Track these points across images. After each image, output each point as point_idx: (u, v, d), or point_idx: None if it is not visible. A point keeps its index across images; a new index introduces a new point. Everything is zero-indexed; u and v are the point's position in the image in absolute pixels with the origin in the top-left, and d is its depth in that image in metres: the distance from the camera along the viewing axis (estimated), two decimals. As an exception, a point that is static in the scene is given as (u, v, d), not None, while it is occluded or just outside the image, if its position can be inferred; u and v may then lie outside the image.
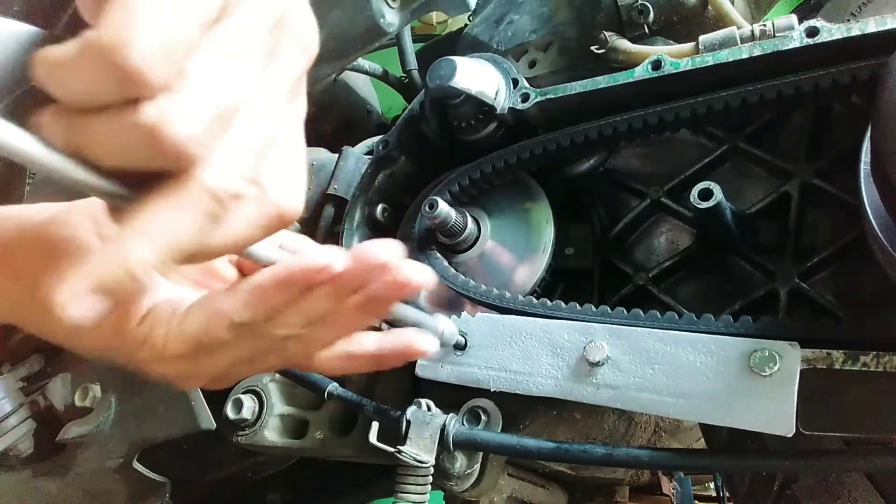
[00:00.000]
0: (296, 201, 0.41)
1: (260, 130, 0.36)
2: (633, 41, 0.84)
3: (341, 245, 0.89)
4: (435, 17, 1.87)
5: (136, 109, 0.31)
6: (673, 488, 1.53)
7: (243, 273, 0.55)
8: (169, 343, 0.43)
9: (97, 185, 0.33)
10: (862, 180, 0.60)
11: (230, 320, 0.42)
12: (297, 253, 0.45)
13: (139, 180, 0.34)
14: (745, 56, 0.69)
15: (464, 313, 0.75)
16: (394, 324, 0.55)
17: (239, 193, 0.35)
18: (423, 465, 0.74)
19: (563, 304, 0.73)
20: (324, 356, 0.48)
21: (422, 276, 0.45)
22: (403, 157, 0.90)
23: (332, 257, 0.42)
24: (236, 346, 0.44)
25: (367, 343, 0.50)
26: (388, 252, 0.44)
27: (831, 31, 0.66)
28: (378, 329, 0.52)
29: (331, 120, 1.32)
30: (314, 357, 0.48)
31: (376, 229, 0.93)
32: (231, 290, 0.43)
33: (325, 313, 0.45)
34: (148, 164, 0.32)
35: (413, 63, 1.30)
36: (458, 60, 0.79)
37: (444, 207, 0.78)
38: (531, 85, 0.82)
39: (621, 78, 0.75)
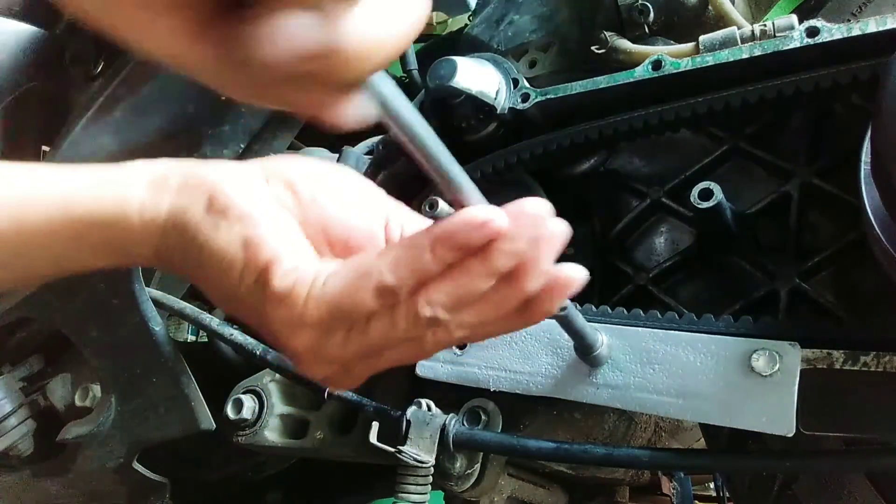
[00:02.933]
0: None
1: None
2: (634, 41, 0.84)
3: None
4: (435, 17, 1.87)
5: None
6: (673, 488, 1.53)
7: None
8: (309, 304, 0.41)
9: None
10: (862, 180, 0.60)
11: (377, 282, 0.39)
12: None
13: None
14: (745, 56, 0.69)
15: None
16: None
17: None
18: (424, 465, 0.74)
19: (563, 304, 0.73)
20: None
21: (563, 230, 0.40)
22: (404, 157, 0.90)
23: (492, 212, 0.38)
24: (376, 325, 0.41)
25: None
26: (543, 209, 0.38)
27: (832, 31, 0.66)
28: None
29: (331, 120, 1.32)
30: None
31: (376, 229, 0.93)
32: (381, 252, 0.41)
33: (477, 292, 0.40)
34: None
35: (413, 63, 1.30)
36: (459, 60, 0.79)
37: (444, 207, 0.78)
38: (531, 85, 0.82)
39: (621, 78, 0.75)
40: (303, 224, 0.47)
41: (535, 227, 0.38)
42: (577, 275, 0.41)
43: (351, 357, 0.43)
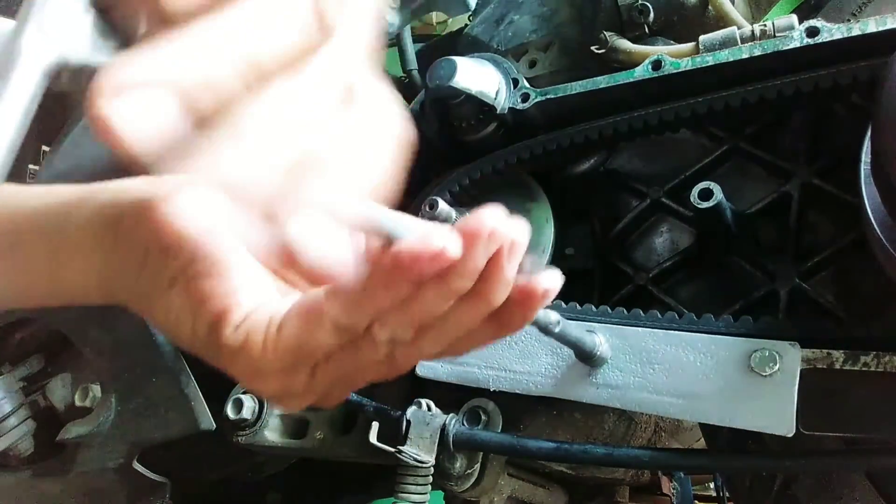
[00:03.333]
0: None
1: None
2: (633, 41, 0.84)
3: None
4: (435, 17, 1.87)
5: None
6: (673, 488, 1.53)
7: None
8: (266, 354, 0.39)
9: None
10: (862, 180, 0.60)
11: (331, 324, 0.38)
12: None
13: None
14: (745, 56, 0.69)
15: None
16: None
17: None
18: (424, 465, 0.74)
19: (563, 304, 0.73)
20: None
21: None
22: (403, 157, 0.90)
23: (444, 239, 0.34)
24: (338, 359, 0.40)
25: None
26: (493, 220, 0.35)
27: (831, 31, 0.66)
28: None
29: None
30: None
31: (376, 229, 0.93)
32: (330, 290, 0.38)
33: (440, 314, 0.38)
34: None
35: (413, 63, 1.30)
36: (458, 60, 0.79)
37: (444, 207, 0.78)
38: (531, 85, 0.82)
39: (621, 78, 0.75)
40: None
41: (489, 241, 0.35)
42: (551, 284, 0.39)
43: (321, 389, 0.42)
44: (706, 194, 0.69)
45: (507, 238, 0.36)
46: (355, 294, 0.37)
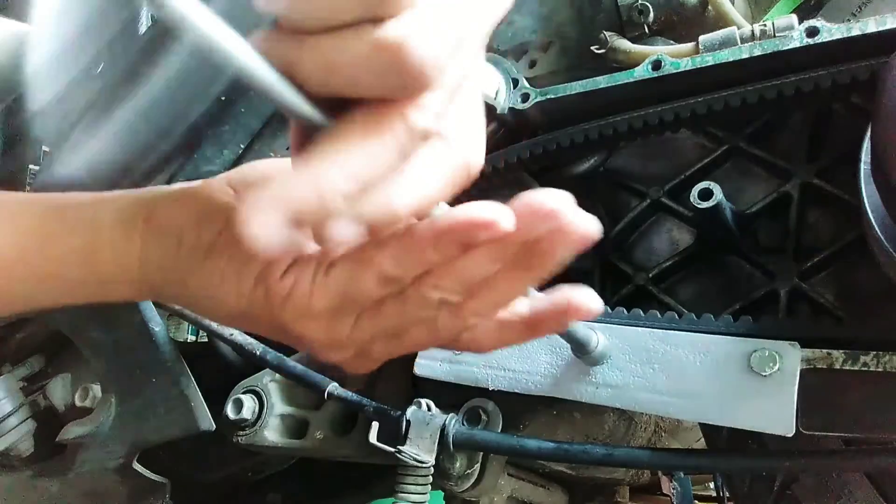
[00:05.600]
0: (480, 154, 0.40)
1: (463, 68, 0.35)
2: (633, 41, 0.84)
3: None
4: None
5: (379, 28, 0.30)
6: (673, 488, 1.53)
7: None
8: (314, 295, 0.41)
9: (302, 107, 0.33)
10: (862, 180, 0.60)
11: (379, 271, 0.39)
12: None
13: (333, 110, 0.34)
14: (745, 56, 0.69)
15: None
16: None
17: (431, 132, 0.35)
18: (423, 465, 0.74)
19: (563, 304, 0.73)
20: (474, 332, 0.44)
21: (589, 225, 0.38)
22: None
23: (497, 213, 0.37)
24: (383, 310, 0.42)
25: (520, 308, 0.43)
26: (559, 202, 0.38)
27: (831, 31, 0.66)
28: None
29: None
30: (463, 334, 0.43)
31: (376, 229, 0.93)
32: (382, 241, 0.40)
33: (485, 277, 0.40)
34: (375, 87, 0.32)
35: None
36: (459, 60, 0.79)
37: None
38: (531, 85, 0.82)
39: (621, 78, 0.75)
40: None
41: (546, 219, 0.37)
42: (590, 302, 0.41)
43: (365, 339, 0.43)
44: (706, 194, 0.69)
45: (566, 220, 0.37)
46: (406, 244, 0.39)
